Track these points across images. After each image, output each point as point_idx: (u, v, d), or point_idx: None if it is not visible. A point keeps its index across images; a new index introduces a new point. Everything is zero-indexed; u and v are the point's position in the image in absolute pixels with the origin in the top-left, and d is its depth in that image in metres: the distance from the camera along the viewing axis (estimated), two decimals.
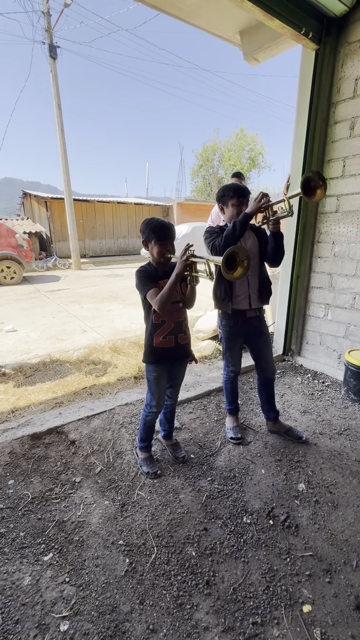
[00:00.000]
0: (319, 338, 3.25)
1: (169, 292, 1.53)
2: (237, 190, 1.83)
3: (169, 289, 1.53)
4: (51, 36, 9.73)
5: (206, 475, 1.88)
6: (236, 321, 1.99)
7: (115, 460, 1.99)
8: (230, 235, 1.74)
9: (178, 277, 1.50)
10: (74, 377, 2.84)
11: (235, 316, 1.98)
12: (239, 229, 1.72)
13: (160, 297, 1.54)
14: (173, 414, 2.04)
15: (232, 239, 1.73)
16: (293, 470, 1.92)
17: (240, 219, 1.72)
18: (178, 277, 1.50)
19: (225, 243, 1.74)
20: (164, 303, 1.54)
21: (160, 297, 1.54)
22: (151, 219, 1.67)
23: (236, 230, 1.73)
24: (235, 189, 1.84)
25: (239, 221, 1.73)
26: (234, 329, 2.02)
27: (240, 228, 1.72)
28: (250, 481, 1.84)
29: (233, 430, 2.20)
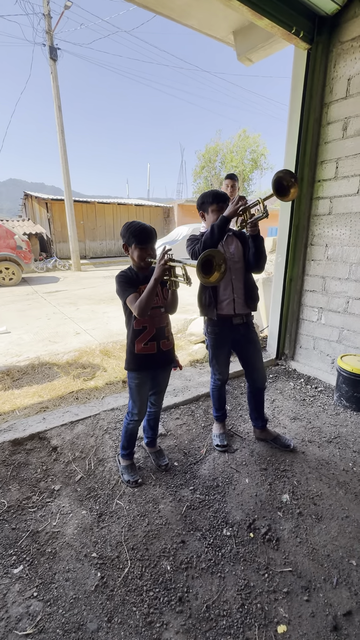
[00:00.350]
0: (312, 342, 3.19)
1: (147, 298, 1.49)
2: (216, 196, 1.81)
3: (148, 294, 1.49)
4: (51, 38, 9.76)
5: (188, 484, 1.84)
6: (222, 328, 1.95)
7: (96, 467, 1.95)
8: (209, 239, 1.71)
9: (157, 281, 1.47)
10: (62, 380, 2.80)
11: (221, 322, 1.93)
12: (217, 232, 1.69)
13: (140, 303, 1.50)
14: (157, 421, 1.99)
15: (211, 243, 1.70)
16: (278, 480, 1.87)
17: (218, 223, 1.69)
18: (157, 281, 1.47)
19: (204, 247, 1.71)
20: (143, 309, 1.50)
21: (139, 303, 1.50)
22: (131, 223, 1.64)
23: (214, 234, 1.69)
24: (214, 195, 1.82)
25: (217, 225, 1.69)
26: (220, 335, 1.98)
27: (219, 232, 1.69)
28: (234, 491, 1.79)
29: (219, 438, 2.15)
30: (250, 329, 2.03)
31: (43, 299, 6.74)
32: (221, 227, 1.69)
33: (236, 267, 1.90)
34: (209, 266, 1.31)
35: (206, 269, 1.30)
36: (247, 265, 1.92)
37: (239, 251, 1.91)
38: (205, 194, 1.85)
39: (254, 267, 1.89)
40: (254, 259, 1.86)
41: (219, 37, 3.38)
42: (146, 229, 1.61)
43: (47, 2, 9.36)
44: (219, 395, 2.18)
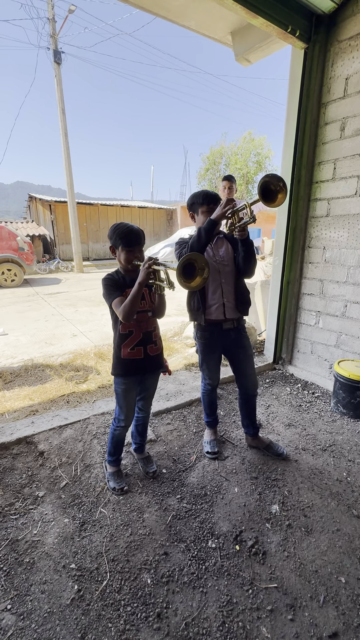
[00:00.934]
0: (310, 346, 3.12)
1: (132, 302, 1.45)
2: (207, 197, 1.76)
3: (132, 298, 1.45)
4: (56, 42, 9.84)
5: (176, 493, 1.79)
6: (211, 333, 1.90)
7: (82, 473, 1.91)
8: (195, 242, 1.66)
9: (141, 285, 1.43)
10: (54, 383, 2.77)
11: (210, 327, 1.88)
12: (204, 236, 1.64)
13: (124, 307, 1.47)
14: (145, 426, 1.95)
15: (197, 247, 1.65)
16: (268, 489, 1.81)
17: (205, 226, 1.64)
18: (141, 285, 1.43)
19: (191, 248, 1.67)
20: (128, 313, 1.47)
21: (124, 307, 1.47)
22: (119, 224, 1.60)
23: (201, 237, 1.64)
24: (205, 196, 1.76)
25: (204, 228, 1.64)
26: (209, 340, 1.93)
27: (206, 235, 1.63)
28: (222, 500, 1.74)
29: (210, 444, 2.10)
30: (242, 334, 1.97)
31: (43, 301, 6.74)
32: (208, 231, 1.63)
33: (226, 270, 1.85)
34: (190, 270, 1.27)
35: (187, 273, 1.26)
36: (237, 268, 1.88)
37: (229, 254, 1.86)
38: (195, 194, 1.80)
39: (243, 271, 1.85)
40: (243, 263, 1.81)
41: (217, 38, 3.35)
42: (133, 231, 1.57)
43: (52, 6, 9.45)
44: (209, 400, 2.13)
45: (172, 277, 1.36)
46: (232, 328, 1.91)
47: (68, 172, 10.82)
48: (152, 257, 1.43)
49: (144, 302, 1.63)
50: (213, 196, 1.77)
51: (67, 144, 10.62)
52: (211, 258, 1.82)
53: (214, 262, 1.82)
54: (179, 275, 1.21)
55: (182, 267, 1.20)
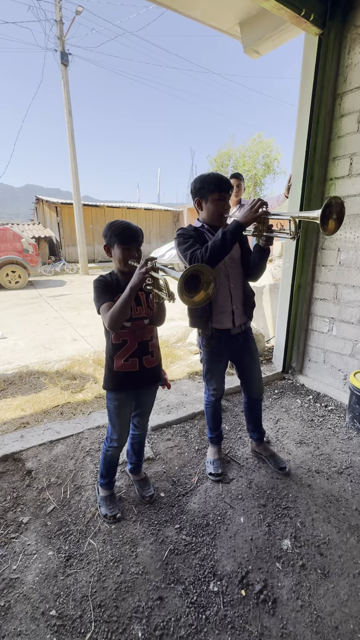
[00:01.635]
0: (322, 355, 2.91)
1: (120, 308, 1.28)
2: (221, 183, 1.50)
3: (121, 304, 1.28)
4: (63, 44, 9.82)
5: (174, 522, 1.60)
6: (219, 340, 1.71)
7: (72, 496, 1.73)
8: (218, 247, 1.41)
9: (133, 290, 1.25)
10: (48, 393, 2.61)
11: (218, 335, 1.70)
12: (229, 240, 1.41)
13: (111, 314, 1.29)
14: (142, 445, 1.77)
15: (220, 253, 1.42)
16: (279, 519, 1.61)
17: (232, 229, 1.41)
18: (133, 290, 1.25)
19: (211, 256, 1.41)
20: (114, 321, 1.29)
21: (110, 314, 1.29)
22: (114, 221, 1.44)
23: (227, 241, 1.40)
24: (219, 180, 1.50)
25: (229, 231, 1.41)
26: (217, 349, 1.74)
27: (232, 240, 1.41)
28: (226, 532, 1.54)
29: (213, 465, 1.90)
30: (249, 336, 1.81)
31: (46, 303, 6.63)
32: (235, 235, 1.40)
33: (234, 272, 1.67)
34: (194, 283, 1.09)
35: (190, 286, 1.08)
36: (244, 271, 1.70)
37: (237, 254, 1.68)
38: (206, 178, 1.51)
39: (251, 275, 1.68)
40: (253, 269, 1.65)
41: (224, 29, 3.19)
42: (130, 227, 1.40)
43: (59, 8, 9.44)
44: (213, 413, 1.94)
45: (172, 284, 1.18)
46: (240, 332, 1.74)
47: (74, 173, 10.77)
48: (151, 257, 1.25)
49: (140, 308, 1.46)
50: (227, 182, 1.53)
51: (74, 145, 10.57)
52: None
53: (223, 264, 1.62)
54: (180, 289, 1.03)
55: (185, 279, 1.02)
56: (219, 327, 1.67)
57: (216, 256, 1.42)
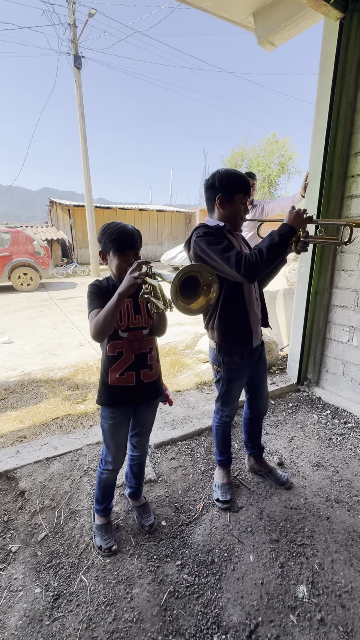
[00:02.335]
0: (341, 367, 2.69)
1: (104, 317, 1.15)
2: (245, 184, 1.42)
3: (106, 312, 1.15)
4: (76, 47, 9.86)
5: (176, 557, 1.44)
6: (242, 355, 1.54)
7: (66, 522, 1.60)
8: (278, 251, 1.29)
9: (121, 297, 1.12)
10: (49, 403, 2.50)
11: (241, 350, 1.53)
12: (282, 246, 1.29)
13: (95, 323, 1.17)
14: (141, 467, 1.62)
15: (278, 257, 1.31)
16: (293, 559, 1.43)
17: (286, 233, 1.29)
18: (121, 297, 1.12)
19: (267, 259, 1.27)
20: (98, 330, 1.17)
21: (95, 322, 1.17)
22: (109, 225, 1.30)
23: (285, 245, 1.30)
24: (244, 181, 1.41)
25: (283, 235, 1.29)
26: (240, 365, 1.55)
27: (285, 245, 1.30)
28: (233, 573, 1.37)
29: (221, 489, 1.74)
30: (264, 347, 1.68)
31: (56, 306, 6.60)
32: (289, 240, 1.30)
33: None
34: (191, 287, 0.94)
35: (187, 291, 0.93)
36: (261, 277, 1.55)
37: None
38: (234, 176, 1.39)
39: (261, 280, 1.55)
40: (267, 276, 1.53)
41: (237, 21, 3.02)
42: (127, 232, 1.26)
43: (73, 11, 9.48)
44: (224, 435, 1.78)
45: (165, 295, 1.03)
46: (260, 344, 1.61)
47: (86, 175, 10.79)
48: (144, 261, 1.11)
49: (139, 316, 1.32)
50: (249, 184, 1.46)
51: (86, 147, 10.60)
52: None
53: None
54: (174, 293, 0.88)
55: (180, 282, 0.87)
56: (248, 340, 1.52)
57: (273, 261, 1.29)
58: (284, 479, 1.82)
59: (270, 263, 1.29)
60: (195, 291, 0.95)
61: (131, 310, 1.31)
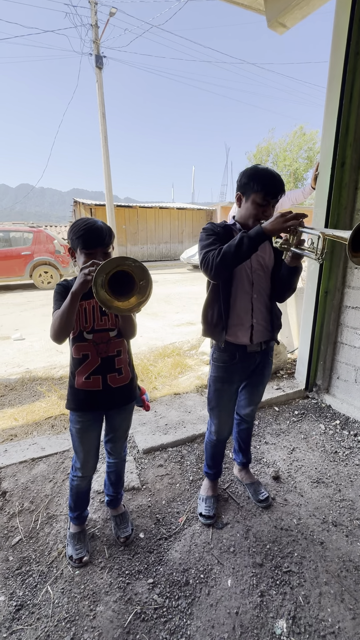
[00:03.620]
0: (354, 374, 2.47)
1: (60, 318, 1.09)
2: (268, 183, 1.24)
3: (61, 313, 1.09)
4: (98, 47, 9.97)
5: (148, 574, 1.35)
6: (232, 356, 1.42)
7: (42, 527, 1.56)
8: (232, 252, 1.18)
9: (74, 296, 1.06)
10: (45, 402, 2.49)
11: (231, 349, 1.41)
12: (246, 247, 1.16)
13: (52, 323, 1.12)
14: (119, 474, 1.54)
15: (233, 258, 1.19)
16: (276, 588, 1.29)
17: (253, 235, 1.16)
18: (74, 296, 1.06)
19: (222, 260, 1.20)
20: (55, 331, 1.11)
21: (52, 322, 1.12)
22: (77, 221, 1.24)
23: (242, 247, 1.17)
24: (269, 180, 1.24)
25: (249, 237, 1.16)
26: (229, 366, 1.44)
27: (249, 247, 1.17)
28: (207, 598, 1.26)
29: (206, 503, 1.62)
30: (268, 358, 1.52)
31: None
32: (254, 242, 1.16)
33: (261, 282, 1.39)
34: (125, 283, 0.84)
35: (119, 287, 0.84)
36: (273, 285, 1.41)
37: (269, 263, 1.39)
38: (255, 173, 1.26)
39: (275, 293, 1.42)
40: (280, 287, 1.39)
41: (245, 4, 2.86)
42: (94, 229, 1.19)
43: (95, 12, 9.58)
44: (213, 453, 1.65)
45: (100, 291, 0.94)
46: (259, 351, 1.45)
47: (107, 174, 10.91)
48: (97, 261, 1.03)
49: (105, 317, 1.24)
50: (277, 184, 1.25)
51: (107, 147, 10.71)
52: (244, 263, 1.33)
53: (248, 269, 1.36)
54: (99, 285, 0.80)
55: (108, 275, 0.78)
56: (233, 341, 1.39)
57: (227, 261, 1.20)
58: (264, 495, 1.67)
59: (227, 262, 1.19)
60: (129, 287, 0.86)
61: (97, 311, 1.23)
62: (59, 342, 1.15)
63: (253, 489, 1.72)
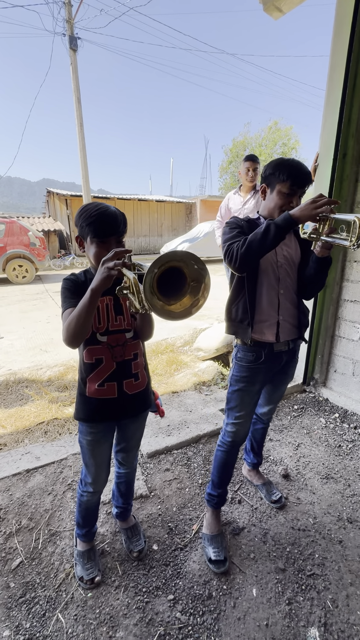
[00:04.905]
0: (351, 367, 2.49)
1: (77, 319, 0.94)
2: (295, 172, 1.17)
3: (78, 312, 0.94)
4: (72, 27, 9.41)
5: (168, 589, 1.26)
6: (259, 355, 1.32)
7: (45, 546, 1.42)
8: (258, 242, 1.12)
9: (94, 294, 0.91)
10: (34, 406, 2.31)
11: (258, 349, 1.32)
12: (273, 235, 1.09)
13: (67, 325, 0.96)
14: (129, 485, 1.43)
15: (259, 247, 1.12)
16: (302, 594, 1.25)
17: (280, 222, 1.09)
18: (94, 294, 0.91)
19: (247, 250, 1.13)
20: (70, 334, 0.96)
21: (67, 325, 0.97)
22: (87, 205, 1.08)
23: (269, 235, 1.10)
24: (296, 170, 1.18)
25: (276, 224, 1.09)
26: (255, 365, 1.33)
27: (276, 235, 1.10)
28: (233, 611, 1.19)
29: (212, 545, 1.37)
30: (295, 358, 1.45)
31: (51, 299, 6.39)
32: (281, 230, 1.09)
33: (288, 277, 1.30)
34: (174, 282, 0.72)
35: (168, 287, 0.71)
36: (300, 280, 1.32)
37: (296, 257, 1.31)
38: (281, 162, 1.20)
39: (303, 289, 1.33)
40: (308, 282, 1.30)
41: None
42: (108, 214, 1.04)
43: None
44: (224, 462, 1.43)
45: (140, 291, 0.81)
46: (287, 350, 1.36)
47: (83, 164, 10.44)
48: (123, 250, 0.90)
49: (120, 317, 1.11)
50: (305, 175, 1.19)
51: (83, 135, 10.23)
52: (270, 257, 1.26)
53: (274, 263, 1.28)
54: (149, 289, 0.67)
55: (157, 275, 0.66)
56: (259, 338, 1.30)
57: (253, 251, 1.13)
58: (277, 496, 1.63)
59: (253, 252, 1.13)
60: (180, 286, 0.74)
61: (111, 310, 1.10)
62: (74, 347, 1.02)
63: (265, 490, 1.67)
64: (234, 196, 3.17)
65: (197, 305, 0.76)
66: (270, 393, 1.52)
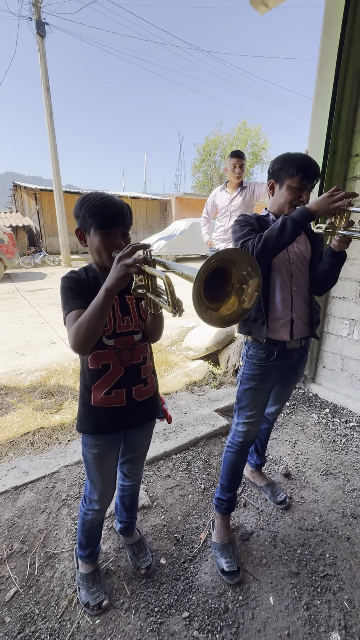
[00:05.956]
0: (340, 362, 2.54)
1: (90, 322, 0.83)
2: (304, 166, 1.14)
3: (91, 315, 0.83)
4: (39, 11, 8.92)
5: (181, 606, 1.18)
6: (270, 353, 1.27)
7: (42, 571, 1.29)
8: (275, 237, 1.09)
9: (109, 294, 0.81)
10: (17, 415, 2.13)
11: (271, 346, 1.27)
12: (290, 231, 1.08)
13: (76, 329, 0.85)
14: (134, 498, 1.33)
15: (276, 243, 1.10)
16: (318, 596, 1.22)
17: (297, 217, 1.07)
18: (109, 294, 0.81)
19: (263, 247, 1.11)
20: (80, 339, 0.85)
21: (75, 329, 0.85)
22: (89, 195, 0.97)
23: (286, 231, 1.08)
24: (305, 164, 1.14)
25: (292, 219, 1.07)
26: (266, 363, 1.28)
27: (293, 230, 1.08)
28: (252, 623, 1.14)
29: (224, 555, 1.31)
30: (305, 356, 1.42)
31: (23, 298, 6.04)
32: (298, 225, 1.07)
33: (300, 274, 1.27)
34: (220, 284, 0.65)
35: (214, 290, 0.64)
36: (311, 275, 1.30)
37: (307, 254, 1.28)
38: (290, 157, 1.17)
39: (317, 286, 1.31)
40: (322, 277, 1.27)
41: None
42: (113, 203, 0.94)
43: None
44: (234, 464, 1.39)
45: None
46: (298, 348, 1.32)
47: (54, 157, 9.99)
48: (142, 244, 0.80)
49: (127, 318, 1.02)
50: (314, 169, 1.16)
51: (52, 126, 9.77)
52: (282, 254, 1.22)
53: (287, 260, 1.24)
54: (197, 296, 0.59)
55: (204, 279, 0.58)
56: (273, 336, 1.25)
57: (271, 247, 1.11)
58: (282, 497, 1.61)
59: (270, 248, 1.11)
60: (222, 290, 0.67)
61: (118, 311, 1.00)
62: (83, 352, 0.91)
63: (270, 491, 1.64)
64: (221, 193, 3.13)
65: (245, 307, 0.69)
66: (278, 392, 1.49)
